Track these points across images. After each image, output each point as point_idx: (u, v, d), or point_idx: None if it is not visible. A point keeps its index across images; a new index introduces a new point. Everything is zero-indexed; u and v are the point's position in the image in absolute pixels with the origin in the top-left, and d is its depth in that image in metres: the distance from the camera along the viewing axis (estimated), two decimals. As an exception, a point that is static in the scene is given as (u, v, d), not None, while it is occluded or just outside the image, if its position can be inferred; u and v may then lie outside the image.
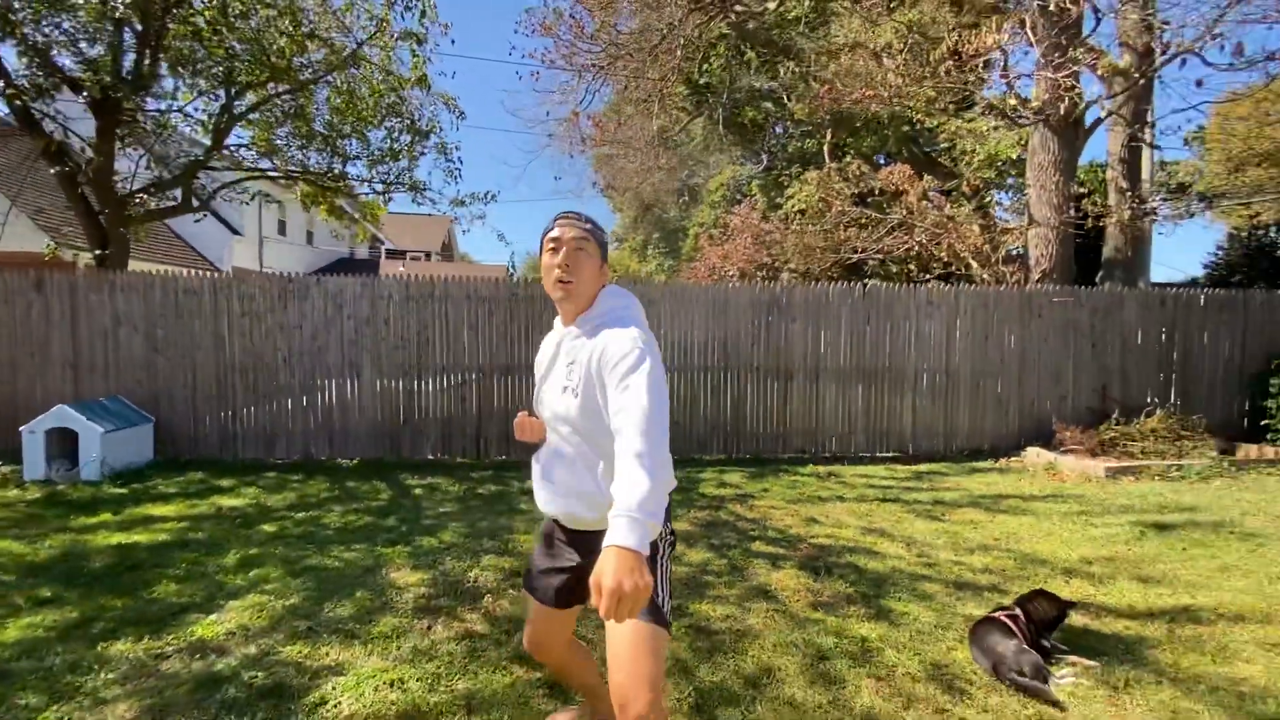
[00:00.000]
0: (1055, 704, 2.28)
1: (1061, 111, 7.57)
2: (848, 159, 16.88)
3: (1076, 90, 7.47)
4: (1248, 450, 6.49)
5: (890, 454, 6.93)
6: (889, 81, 13.06)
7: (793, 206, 17.84)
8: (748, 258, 16.78)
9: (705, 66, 14.60)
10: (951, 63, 8.10)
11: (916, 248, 11.97)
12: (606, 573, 1.08)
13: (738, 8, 9.86)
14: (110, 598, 3.07)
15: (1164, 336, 7.22)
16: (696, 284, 7.40)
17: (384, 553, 3.75)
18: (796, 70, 14.64)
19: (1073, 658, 2.57)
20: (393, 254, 26.71)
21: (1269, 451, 6.50)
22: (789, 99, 17.18)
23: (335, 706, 2.21)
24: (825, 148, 17.59)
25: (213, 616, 2.87)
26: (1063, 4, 6.83)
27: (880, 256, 13.08)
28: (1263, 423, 7.01)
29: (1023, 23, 7.71)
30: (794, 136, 19.81)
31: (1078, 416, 6.99)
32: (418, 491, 5.27)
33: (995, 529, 4.37)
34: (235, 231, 15.67)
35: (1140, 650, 2.68)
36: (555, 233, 1.58)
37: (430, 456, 6.44)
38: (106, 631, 2.73)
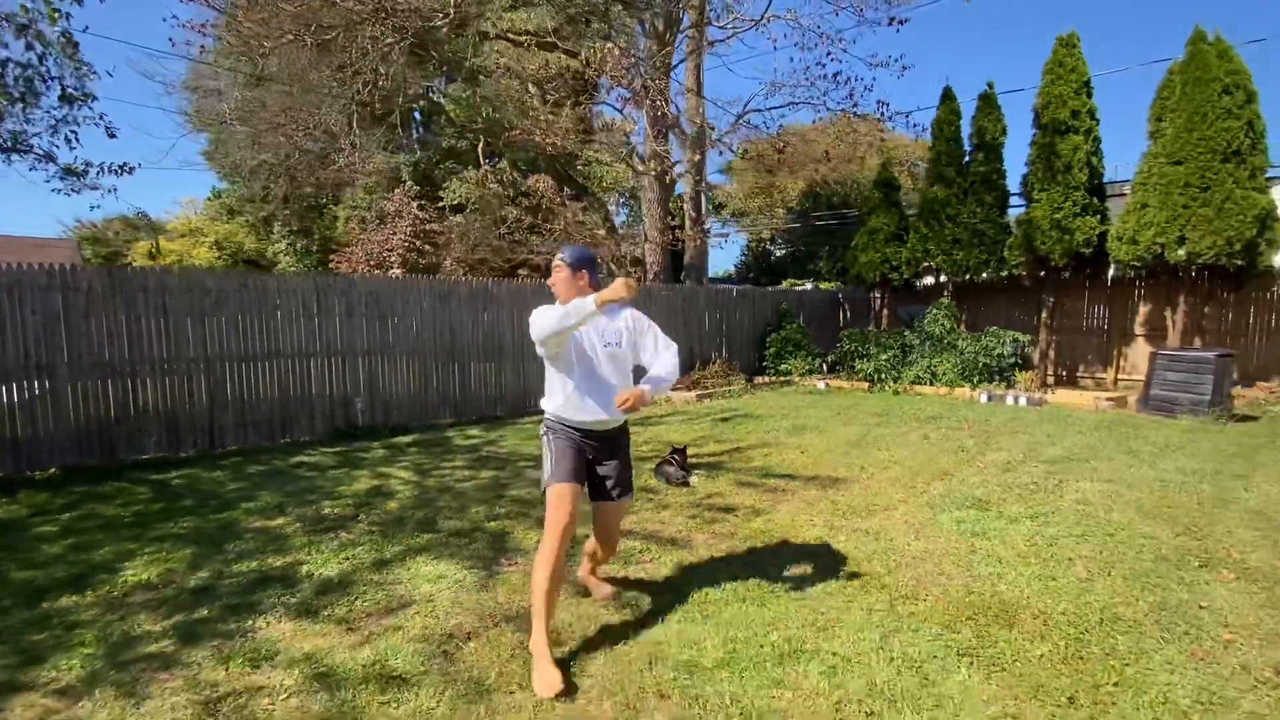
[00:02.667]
0: (689, 485, 4.94)
1: (662, 168, 11.32)
2: (501, 163, 19.20)
3: (669, 158, 11.31)
4: (758, 379, 11.31)
5: (574, 404, 9.55)
6: (536, 107, 15.87)
7: (451, 200, 19.18)
8: (409, 246, 17.62)
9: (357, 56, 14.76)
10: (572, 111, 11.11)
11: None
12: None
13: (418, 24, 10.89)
14: None
15: (718, 315, 11.71)
16: (427, 279, 8.52)
17: None
18: (459, 83, 16.21)
19: (696, 471, 5.35)
20: None
21: (766, 379, 11.46)
22: (446, 100, 18.58)
23: None
24: (479, 149, 19.56)
25: None
26: (658, 114, 10.39)
27: (545, 256, 15.79)
28: (762, 364, 12.12)
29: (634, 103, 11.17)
30: (447, 134, 21.08)
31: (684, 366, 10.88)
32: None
33: (648, 433, 7.26)
34: None
35: (721, 465, 5.65)
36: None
37: (150, 455, 6.18)
38: None
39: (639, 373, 2.94)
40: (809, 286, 17.00)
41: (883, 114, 10.13)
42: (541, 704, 2.18)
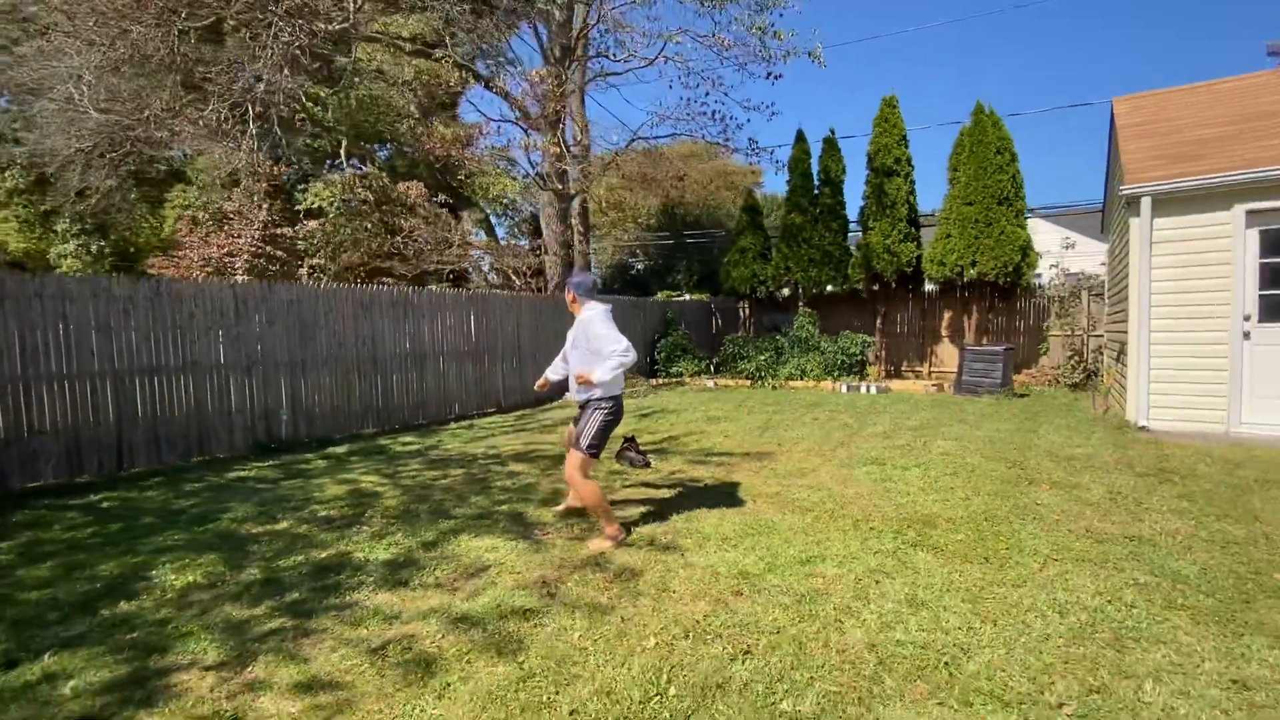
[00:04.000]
0: (646, 465, 5.74)
1: (561, 185, 11.97)
2: (370, 168, 18.43)
3: (567, 175, 12.01)
4: (654, 380, 12.39)
5: (492, 408, 9.83)
6: (414, 114, 15.68)
7: (312, 204, 18.07)
8: (257, 251, 16.35)
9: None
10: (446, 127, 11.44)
11: (436, 257, 15.08)
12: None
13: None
14: None
15: (617, 323, 12.60)
16: (348, 287, 8.24)
17: None
18: (323, 82, 15.45)
19: (649, 455, 6.16)
20: None
21: (661, 380, 12.59)
22: (306, 98, 17.45)
23: None
24: (343, 150, 18.62)
25: None
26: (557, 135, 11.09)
27: (412, 265, 15.50)
28: (654, 367, 13.25)
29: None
30: (304, 134, 19.70)
31: (584, 372, 11.60)
32: None
33: (584, 429, 7.91)
34: None
35: (666, 450, 6.52)
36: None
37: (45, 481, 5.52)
38: None
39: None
40: (687, 298, 18.58)
41: (752, 149, 11.78)
42: (663, 613, 2.87)
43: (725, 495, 4.71)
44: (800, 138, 13.51)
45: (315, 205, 17.35)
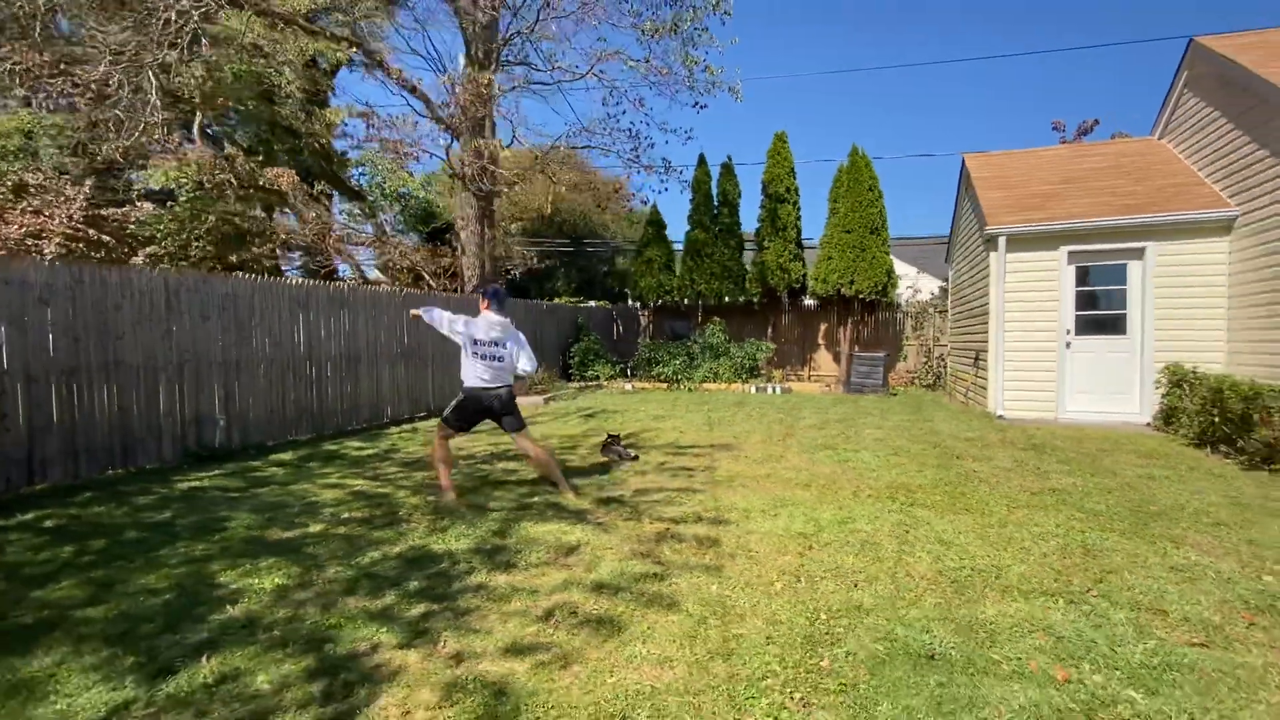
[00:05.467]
0: (635, 458, 6.20)
1: (481, 186, 11.84)
2: (231, 149, 16.55)
3: (485, 176, 11.91)
4: (574, 384, 12.69)
5: (423, 413, 9.50)
6: (295, 95, 14.54)
7: (160, 184, 15.97)
8: (74, 233, 14.17)
9: None
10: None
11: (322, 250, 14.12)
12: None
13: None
14: None
15: (533, 328, 12.71)
16: (285, 281, 7.48)
17: None
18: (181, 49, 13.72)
19: (632, 450, 6.60)
20: None
21: (579, 384, 12.91)
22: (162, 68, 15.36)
23: None
24: (196, 126, 16.54)
25: None
26: (477, 137, 11.02)
27: (274, 259, 14.27)
28: (569, 371, 13.53)
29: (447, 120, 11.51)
30: (146, 100, 17.09)
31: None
32: None
33: (539, 430, 8.07)
34: None
35: (635, 445, 6.98)
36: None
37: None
38: None
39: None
40: (593, 304, 18.96)
41: (666, 167, 12.62)
42: (764, 566, 3.40)
43: (725, 479, 5.33)
44: (702, 161, 14.70)
45: (162, 186, 15.26)
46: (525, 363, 4.87)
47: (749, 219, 16.04)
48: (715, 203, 14.61)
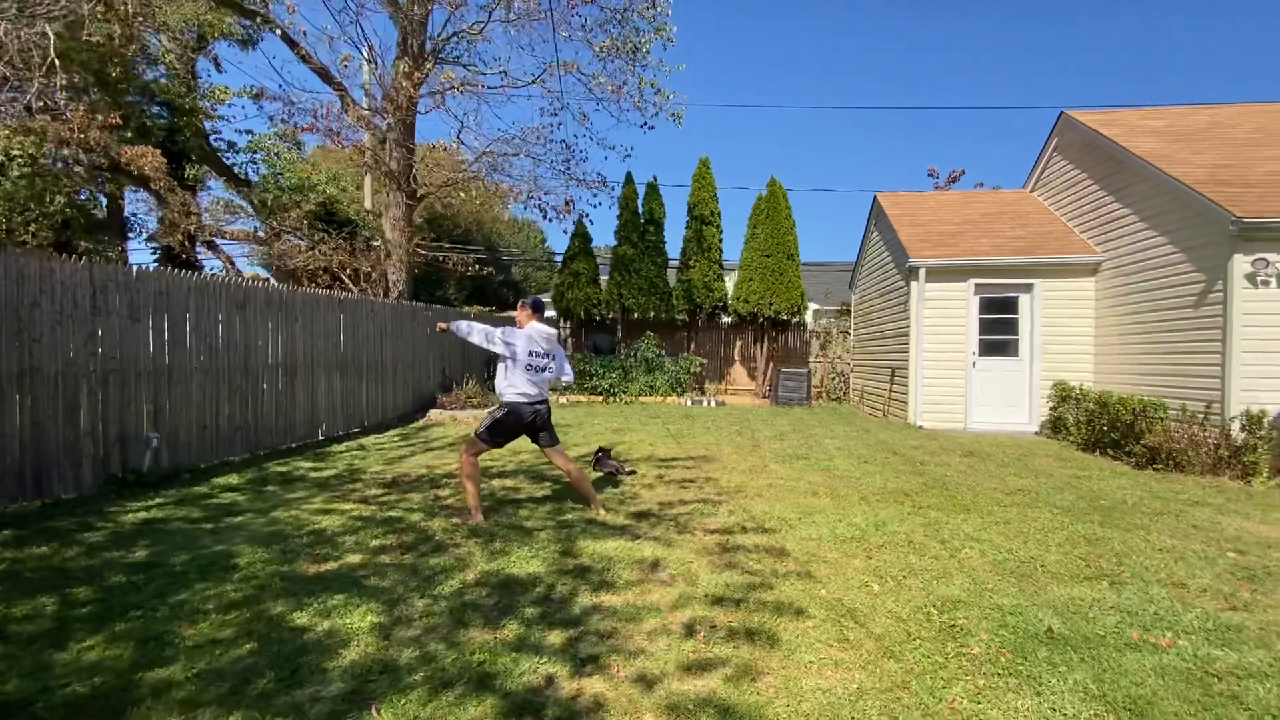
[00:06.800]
0: (632, 472, 6.21)
1: (410, 185, 11.13)
2: (79, 115, 14.13)
3: (412, 174, 11.24)
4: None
5: (357, 429, 8.68)
6: (174, 65, 12.97)
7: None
8: None
9: None
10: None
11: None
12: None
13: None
14: None
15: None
16: (222, 278, 6.42)
17: None
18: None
19: (628, 464, 6.58)
20: None
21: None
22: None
23: None
24: (33, 92, 13.98)
25: None
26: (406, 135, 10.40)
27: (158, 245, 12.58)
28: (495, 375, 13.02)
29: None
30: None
31: (442, 388, 10.90)
32: None
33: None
34: None
35: (617, 458, 6.98)
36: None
37: None
38: None
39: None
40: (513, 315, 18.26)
41: (599, 180, 12.70)
42: (851, 567, 3.62)
43: (734, 490, 5.52)
44: (629, 180, 14.98)
45: (-14, 156, 12.79)
46: (568, 373, 4.78)
47: (671, 239, 16.32)
48: (642, 220, 14.93)
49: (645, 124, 11.00)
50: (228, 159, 13.83)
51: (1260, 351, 6.40)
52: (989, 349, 9.60)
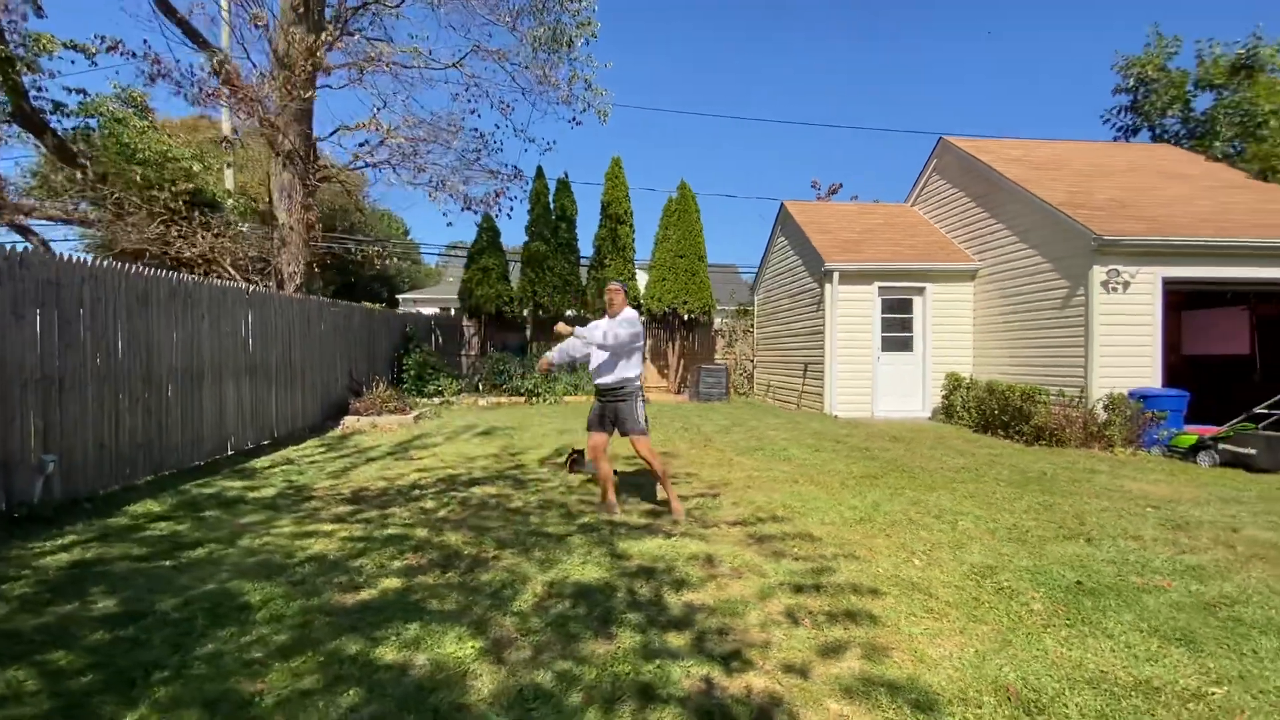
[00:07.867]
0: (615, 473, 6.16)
1: (307, 167, 9.96)
2: None
3: (315, 156, 10.08)
4: (421, 400, 11.42)
5: (267, 441, 7.62)
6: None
7: None
8: None
9: None
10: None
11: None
12: None
13: None
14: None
15: (367, 336, 11.09)
16: (121, 267, 5.15)
17: None
18: None
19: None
20: None
21: (426, 400, 11.67)
22: None
23: None
24: None
25: None
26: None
27: None
28: (403, 385, 12.11)
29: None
30: None
31: (351, 392, 9.89)
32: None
33: (433, 454, 7.26)
34: None
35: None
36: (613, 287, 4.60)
37: None
38: None
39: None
40: (420, 312, 16.80)
41: (514, 172, 12.24)
42: (888, 546, 3.91)
43: (721, 483, 5.69)
44: (540, 174, 14.63)
45: None
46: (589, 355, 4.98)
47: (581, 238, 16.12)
48: (554, 216, 14.66)
49: (574, 119, 10.83)
50: (54, 123, 11.32)
51: (1115, 345, 7.85)
52: (890, 345, 10.72)
